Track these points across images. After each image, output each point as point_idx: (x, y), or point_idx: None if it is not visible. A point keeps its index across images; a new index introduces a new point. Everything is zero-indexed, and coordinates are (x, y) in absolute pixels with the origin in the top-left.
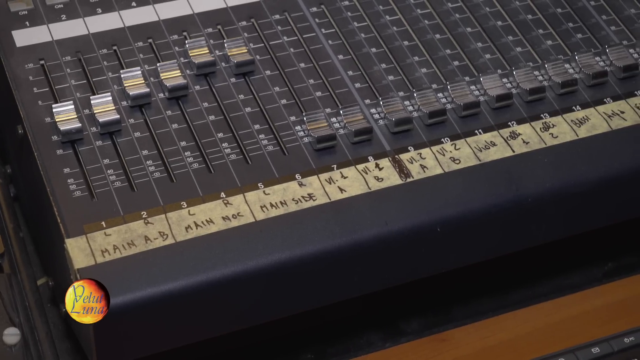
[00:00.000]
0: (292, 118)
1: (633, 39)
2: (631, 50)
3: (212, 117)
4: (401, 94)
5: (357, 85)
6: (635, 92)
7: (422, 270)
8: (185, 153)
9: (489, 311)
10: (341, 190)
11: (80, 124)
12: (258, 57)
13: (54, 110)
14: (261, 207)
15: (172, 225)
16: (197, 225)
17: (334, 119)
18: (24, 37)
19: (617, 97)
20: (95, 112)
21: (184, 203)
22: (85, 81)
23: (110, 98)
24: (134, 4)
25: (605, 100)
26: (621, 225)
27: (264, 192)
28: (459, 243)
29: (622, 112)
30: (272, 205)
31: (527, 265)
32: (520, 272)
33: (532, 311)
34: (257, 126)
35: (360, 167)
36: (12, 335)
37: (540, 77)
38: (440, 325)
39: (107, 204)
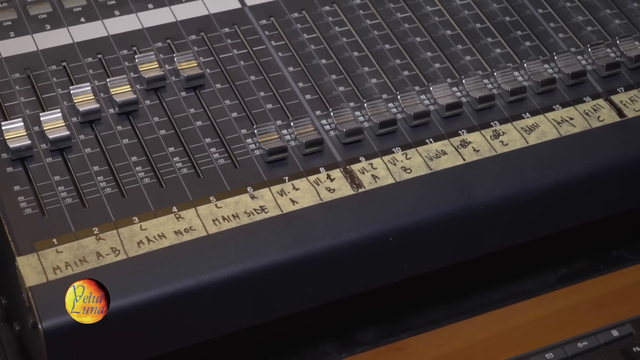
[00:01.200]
0: (243, 131)
1: (581, 46)
2: (579, 57)
3: (162, 132)
4: (352, 104)
5: (308, 96)
6: (584, 99)
7: (376, 280)
8: (137, 168)
9: (444, 319)
10: (293, 202)
11: (29, 141)
12: (208, 70)
13: (2, 128)
14: (213, 220)
15: (124, 241)
16: (149, 240)
17: (284, 131)
18: None
19: (566, 103)
20: (45, 128)
21: (136, 218)
22: (34, 98)
23: (60, 114)
24: (82, 19)
25: (554, 107)
26: (573, 231)
27: (215, 205)
28: (412, 252)
29: (571, 119)
30: (224, 218)
31: (481, 272)
32: (475, 279)
33: (487, 318)
34: (208, 140)
35: (312, 178)
36: None
37: (490, 85)
38: (396, 334)
39: (58, 220)
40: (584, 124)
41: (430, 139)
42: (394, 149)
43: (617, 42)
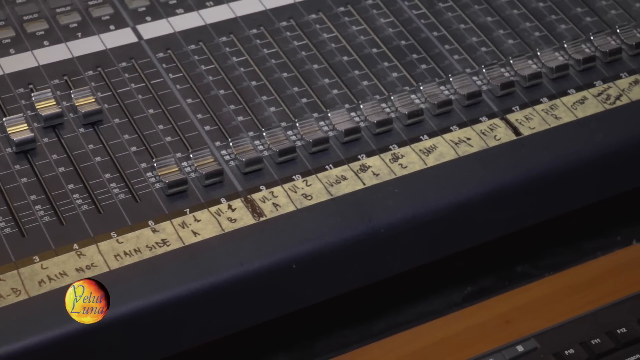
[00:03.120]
0: (143, 165)
1: (476, 67)
2: (474, 78)
3: (61, 169)
4: (251, 134)
5: (207, 127)
6: (480, 119)
7: (281, 308)
8: (36, 207)
9: (353, 343)
10: (195, 233)
11: None
12: (106, 105)
13: None
14: (115, 256)
15: (24, 281)
16: (50, 278)
17: (184, 163)
18: None
19: (463, 124)
20: None
21: (36, 257)
22: None
23: None
24: None
25: (451, 128)
26: (476, 249)
27: (117, 240)
28: (316, 278)
29: (469, 139)
30: (126, 253)
31: (388, 294)
32: (382, 301)
33: (396, 340)
34: (107, 175)
35: (213, 209)
36: None
37: (387, 109)
38: None
39: None
40: (481, 144)
41: (330, 165)
42: (294, 177)
43: (511, 61)
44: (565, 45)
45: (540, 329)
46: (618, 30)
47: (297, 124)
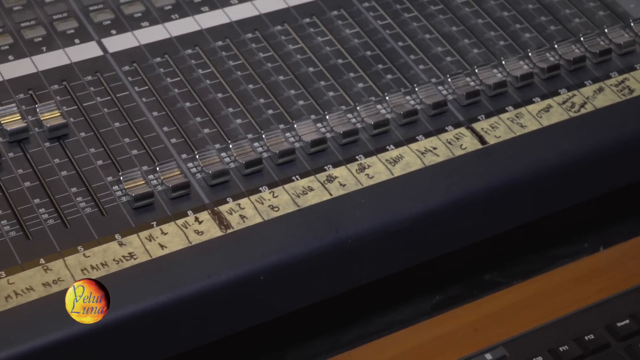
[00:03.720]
0: (109, 178)
1: (441, 76)
2: (440, 87)
3: (27, 184)
4: (217, 146)
5: (173, 140)
6: (446, 128)
7: (249, 320)
8: (2, 222)
9: (323, 353)
10: (162, 246)
11: None
12: (72, 119)
13: None
14: (82, 270)
15: None
16: (17, 294)
17: (151, 176)
18: None
19: (429, 133)
20: None
21: (3, 272)
22: None
23: None
24: None
25: (417, 137)
26: (444, 258)
27: (84, 254)
28: (284, 289)
29: (435, 148)
30: (92, 267)
31: (357, 304)
32: (351, 311)
33: (365, 350)
34: (74, 189)
35: (180, 222)
36: None
37: (354, 120)
38: None
39: None
40: (447, 153)
41: (297, 176)
42: (260, 188)
43: (476, 70)
44: (530, 54)
45: (509, 337)
46: (582, 39)
47: (264, 136)
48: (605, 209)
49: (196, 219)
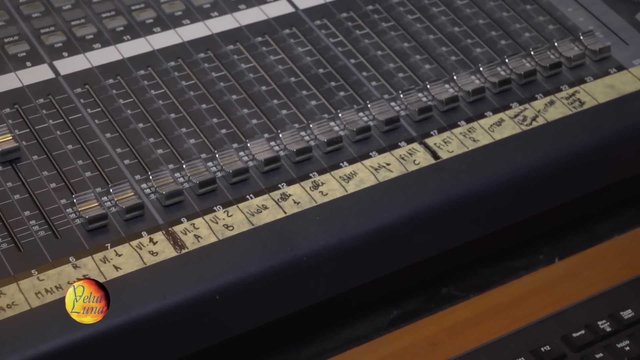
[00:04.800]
0: (63, 201)
1: (393, 92)
2: (392, 104)
3: None
4: (171, 166)
5: (127, 161)
6: (399, 144)
7: (206, 339)
8: None
9: None
10: (116, 268)
11: None
12: (24, 142)
13: None
14: (36, 293)
15: None
16: None
17: (104, 198)
18: None
19: (382, 149)
20: None
21: None
22: None
23: None
24: None
25: (370, 154)
26: (400, 273)
27: (38, 278)
28: (240, 308)
29: (388, 164)
30: (47, 290)
31: (314, 321)
32: (308, 328)
33: None
34: (27, 212)
35: (134, 243)
36: None
37: (307, 137)
38: None
39: None
40: (400, 169)
41: (251, 195)
42: (215, 208)
43: (428, 86)
44: (481, 69)
45: (466, 350)
46: (532, 53)
47: (217, 155)
48: (560, 220)
49: (150, 240)
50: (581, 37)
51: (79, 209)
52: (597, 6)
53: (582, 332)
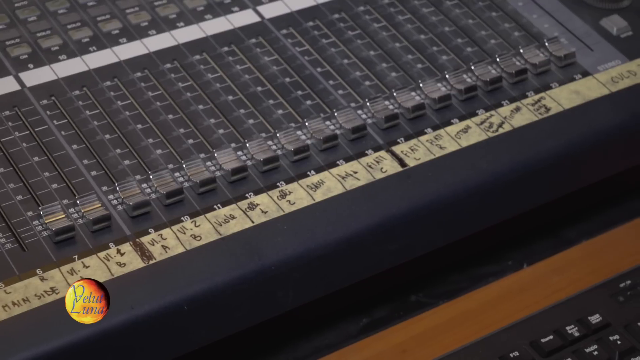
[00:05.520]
0: (29, 213)
1: (360, 101)
2: (359, 112)
3: None
4: (138, 177)
5: (93, 173)
6: (366, 152)
7: (175, 350)
8: None
9: None
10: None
11: None
12: None
13: None
14: (3, 307)
15: None
16: None
17: (71, 210)
18: None
19: (349, 157)
20: None
21: None
22: None
23: None
24: None
25: (338, 162)
26: (369, 281)
27: (5, 291)
28: (208, 318)
29: (355, 172)
30: (14, 303)
31: (283, 330)
32: (277, 338)
33: None
34: None
35: (102, 254)
36: None
37: (274, 147)
38: None
39: None
40: (368, 177)
41: (219, 205)
42: (182, 218)
43: (394, 94)
44: (447, 76)
45: (436, 357)
46: (498, 59)
47: (184, 165)
48: (528, 226)
49: (118, 251)
50: (546, 44)
51: (46, 221)
52: (561, 13)
53: (551, 337)
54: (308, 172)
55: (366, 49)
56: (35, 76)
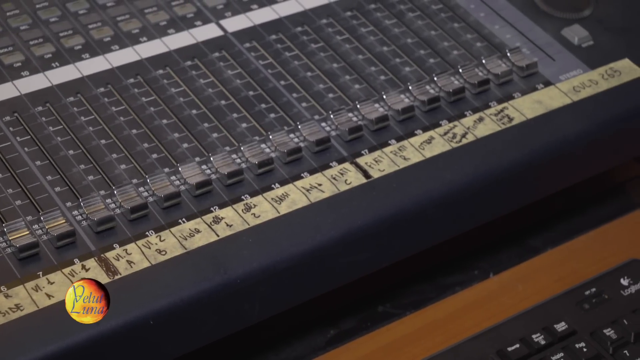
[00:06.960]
0: None
1: (324, 113)
2: (323, 124)
3: None
4: (102, 192)
5: (57, 189)
6: (331, 164)
7: None
8: None
9: None
10: (49, 296)
11: None
12: None
13: None
14: None
15: None
16: None
17: (35, 226)
18: None
19: (314, 170)
20: None
21: None
22: None
23: None
24: None
25: (302, 175)
26: (336, 292)
27: None
28: (175, 333)
29: (320, 185)
30: None
31: (251, 343)
32: (245, 351)
33: None
34: None
35: (67, 270)
36: None
37: (238, 160)
38: None
39: None
40: (332, 189)
41: (183, 219)
42: (147, 233)
43: (358, 106)
44: (410, 88)
45: None
46: (460, 70)
47: (148, 180)
48: (493, 235)
49: (83, 267)
50: (508, 54)
51: (10, 238)
52: (523, 23)
53: (517, 346)
54: (272, 185)
55: (329, 62)
56: None
